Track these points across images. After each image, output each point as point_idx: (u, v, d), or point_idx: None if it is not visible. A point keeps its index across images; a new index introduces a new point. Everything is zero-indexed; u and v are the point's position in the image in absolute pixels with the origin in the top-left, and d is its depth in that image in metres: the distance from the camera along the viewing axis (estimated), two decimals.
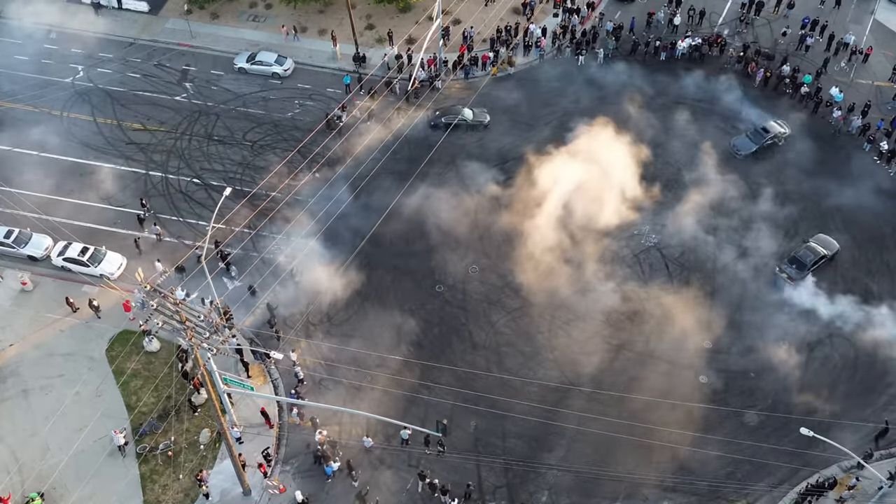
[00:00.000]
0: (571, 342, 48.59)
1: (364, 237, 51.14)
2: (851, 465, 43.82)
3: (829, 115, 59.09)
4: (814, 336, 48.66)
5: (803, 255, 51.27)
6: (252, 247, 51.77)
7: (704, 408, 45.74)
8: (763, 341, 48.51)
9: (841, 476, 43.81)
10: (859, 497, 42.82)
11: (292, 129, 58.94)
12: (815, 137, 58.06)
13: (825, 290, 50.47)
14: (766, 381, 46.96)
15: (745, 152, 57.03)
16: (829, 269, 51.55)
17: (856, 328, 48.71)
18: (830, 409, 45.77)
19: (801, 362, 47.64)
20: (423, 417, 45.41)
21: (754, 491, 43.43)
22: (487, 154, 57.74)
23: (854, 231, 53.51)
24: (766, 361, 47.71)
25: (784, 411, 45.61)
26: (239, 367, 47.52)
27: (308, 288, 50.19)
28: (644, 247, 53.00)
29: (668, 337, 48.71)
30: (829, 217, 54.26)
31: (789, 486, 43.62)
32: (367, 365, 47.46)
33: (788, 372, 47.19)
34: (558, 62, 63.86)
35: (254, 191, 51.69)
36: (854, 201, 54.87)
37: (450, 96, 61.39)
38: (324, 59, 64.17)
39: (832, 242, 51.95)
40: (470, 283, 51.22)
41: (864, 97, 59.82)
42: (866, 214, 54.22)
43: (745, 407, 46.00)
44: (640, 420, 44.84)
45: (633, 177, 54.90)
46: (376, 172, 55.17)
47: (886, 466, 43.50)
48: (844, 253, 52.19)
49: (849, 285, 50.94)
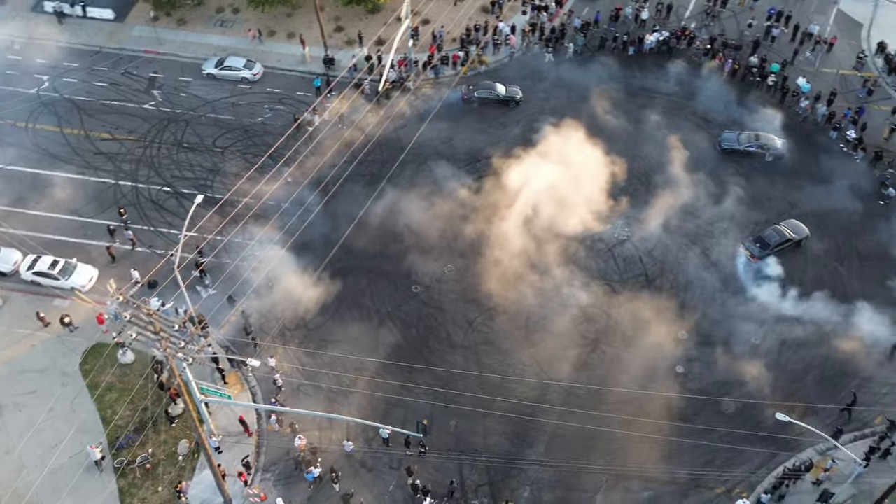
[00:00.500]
0: (548, 337, 48.84)
1: (338, 241, 51.06)
2: (827, 447, 44.41)
3: (797, 105, 59.80)
4: (785, 323, 49.20)
5: (769, 236, 52.00)
6: (225, 254, 51.51)
7: (681, 397, 46.13)
8: (737, 329, 49.01)
9: (817, 459, 44.41)
10: (835, 478, 43.40)
11: (263, 133, 58.75)
12: (784, 127, 58.62)
13: (794, 275, 51.13)
14: (742, 368, 47.40)
15: (726, 146, 57.40)
16: (799, 255, 52.22)
17: (825, 315, 49.35)
18: (805, 394, 46.36)
19: (774, 348, 48.18)
20: (403, 419, 45.45)
21: (733, 477, 43.91)
22: (459, 154, 57.83)
23: (823, 217, 54.19)
24: (741, 348, 48.21)
25: (759, 397, 46.11)
26: (215, 376, 47.27)
27: (283, 294, 50.02)
28: (618, 241, 53.36)
29: (643, 329, 49.07)
30: (798, 204, 54.93)
31: (767, 471, 44.15)
32: (346, 369, 47.39)
33: (763, 358, 47.71)
34: (528, 60, 64.09)
35: (225, 197, 51.40)
36: (823, 189, 55.57)
37: (422, 97, 61.35)
38: (293, 62, 64.00)
39: (802, 228, 52.60)
40: (446, 283, 51.32)
41: (829, 86, 60.61)
42: (835, 201, 54.91)
43: (722, 395, 46.44)
44: (618, 412, 45.15)
45: (604, 173, 55.16)
46: (348, 175, 55.13)
47: (861, 448, 44.14)
48: (814, 239, 52.83)
49: (818, 271, 51.60)
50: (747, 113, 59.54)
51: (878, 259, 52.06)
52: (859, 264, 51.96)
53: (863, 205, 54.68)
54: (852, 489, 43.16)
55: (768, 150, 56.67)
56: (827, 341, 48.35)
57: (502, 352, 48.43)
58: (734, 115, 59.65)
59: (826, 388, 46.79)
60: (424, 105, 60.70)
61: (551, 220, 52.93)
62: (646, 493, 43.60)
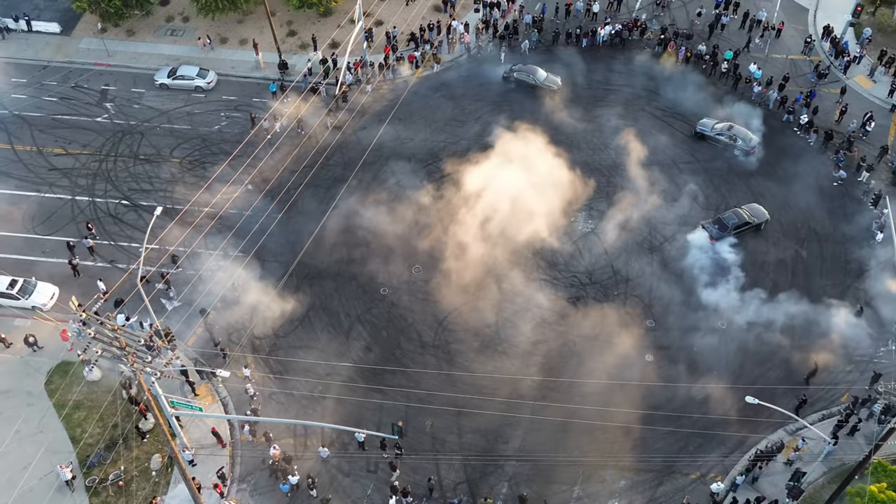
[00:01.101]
0: (518, 333, 49.07)
1: (302, 247, 50.75)
2: (797, 427, 45.26)
3: (749, 91, 60.85)
4: (750, 306, 50.06)
5: (727, 218, 52.85)
6: (189, 265, 50.89)
7: (653, 385, 46.66)
8: (703, 315, 49.71)
9: (787, 439, 45.22)
10: (806, 458, 44.24)
11: (220, 142, 58.20)
12: (739, 112, 59.52)
13: (756, 258, 52.04)
14: (709, 355, 48.12)
15: (698, 130, 58.18)
16: (759, 239, 53.17)
17: (788, 297, 50.34)
18: (774, 376, 47.19)
19: (741, 330, 49.00)
20: (378, 422, 45.36)
21: (707, 462, 44.55)
22: (420, 154, 57.89)
23: (781, 201, 55.23)
24: (708, 335, 48.93)
25: (729, 381, 46.84)
26: (186, 389, 46.72)
27: (250, 302, 49.58)
28: (582, 233, 53.82)
29: (611, 320, 49.55)
30: (757, 188, 55.92)
31: (740, 454, 44.86)
32: (318, 375, 47.21)
33: (730, 343, 48.48)
34: (483, 57, 64.33)
35: (185, 208, 50.83)
36: (780, 172, 56.68)
37: (379, 99, 61.27)
38: (247, 68, 63.48)
39: (762, 212, 53.52)
40: (414, 284, 51.30)
41: (780, 71, 61.79)
42: (792, 184, 56.03)
43: (691, 381, 47.08)
44: (591, 403, 45.45)
45: (564, 166, 55.65)
46: (310, 180, 54.85)
47: (830, 427, 45.09)
48: (773, 222, 53.80)
49: (779, 253, 52.59)
50: (703, 101, 60.46)
51: (836, 241, 53.19)
52: (818, 245, 53.05)
53: (818, 187, 55.85)
54: (823, 467, 44.02)
55: (737, 142, 57.20)
56: (792, 323, 49.23)
57: (473, 349, 48.53)
58: (689, 104, 60.51)
59: (794, 368, 47.65)
60: (383, 106, 60.62)
61: (514, 217, 53.07)
62: (622, 482, 44.04)
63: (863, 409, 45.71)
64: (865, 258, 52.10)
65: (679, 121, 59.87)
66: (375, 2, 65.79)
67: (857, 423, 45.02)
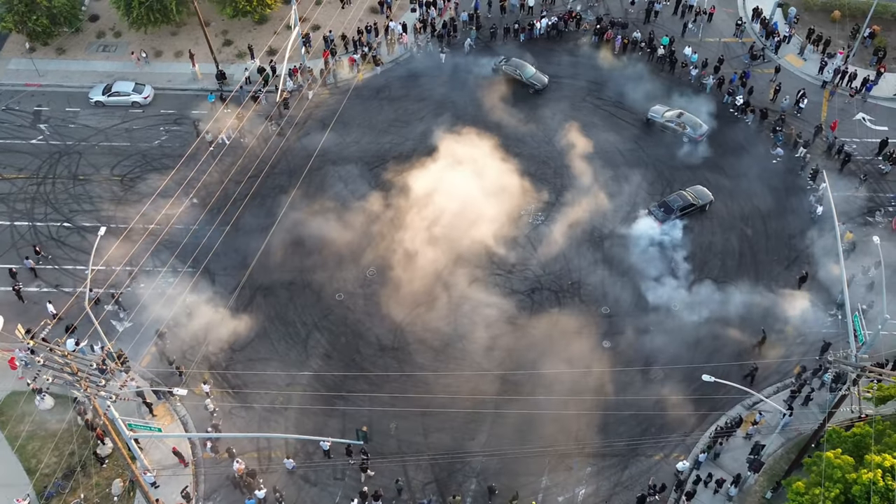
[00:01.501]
0: (476, 329, 49.24)
1: (253, 258, 50.28)
2: (753, 402, 46.30)
3: (687, 74, 62.04)
4: (700, 285, 51.05)
5: (672, 201, 53.84)
6: (137, 284, 50.02)
7: (612, 371, 47.30)
8: (655, 298, 50.53)
9: (745, 414, 46.22)
10: (764, 431, 45.28)
11: (161, 157, 57.36)
12: (680, 96, 60.77)
13: (703, 239, 53.11)
14: (664, 337, 48.92)
15: (649, 117, 59.06)
16: (705, 219, 54.27)
17: (737, 274, 51.47)
18: (728, 352, 48.18)
19: (693, 311, 49.85)
20: (342, 428, 45.20)
21: (669, 442, 45.28)
22: (367, 157, 57.77)
23: (724, 181, 56.41)
24: (661, 318, 49.74)
25: (685, 362, 47.69)
26: (143, 410, 45.92)
27: (203, 317, 48.92)
28: (533, 226, 54.26)
29: (568, 309, 50.09)
30: (700, 169, 57.11)
31: (700, 432, 45.73)
32: (278, 385, 46.84)
33: (683, 324, 49.36)
34: (424, 57, 64.41)
35: (130, 226, 49.94)
36: (721, 153, 57.93)
37: (321, 104, 60.94)
38: (184, 80, 62.65)
39: (706, 193, 54.61)
40: (370, 287, 51.19)
41: (714, 55, 63.09)
42: (734, 164, 57.29)
43: (648, 364, 47.84)
44: (553, 393, 45.84)
45: (510, 162, 56.15)
46: (256, 190, 54.41)
47: (782, 398, 46.22)
48: (718, 203, 54.93)
49: (725, 233, 53.72)
50: (642, 88, 61.54)
51: (778, 216, 54.54)
52: (762, 223, 54.32)
53: (759, 165, 57.19)
54: (781, 438, 45.11)
55: (686, 129, 57.92)
56: (742, 298, 50.31)
57: (433, 349, 48.59)
58: (630, 92, 61.47)
59: (746, 344, 48.68)
60: (325, 111, 60.32)
61: (464, 214, 53.24)
62: (589, 468, 44.53)
63: (815, 379, 46.92)
64: (807, 231, 53.51)
65: (622, 108, 60.76)
66: (311, 6, 65.35)
67: (810, 393, 46.24)
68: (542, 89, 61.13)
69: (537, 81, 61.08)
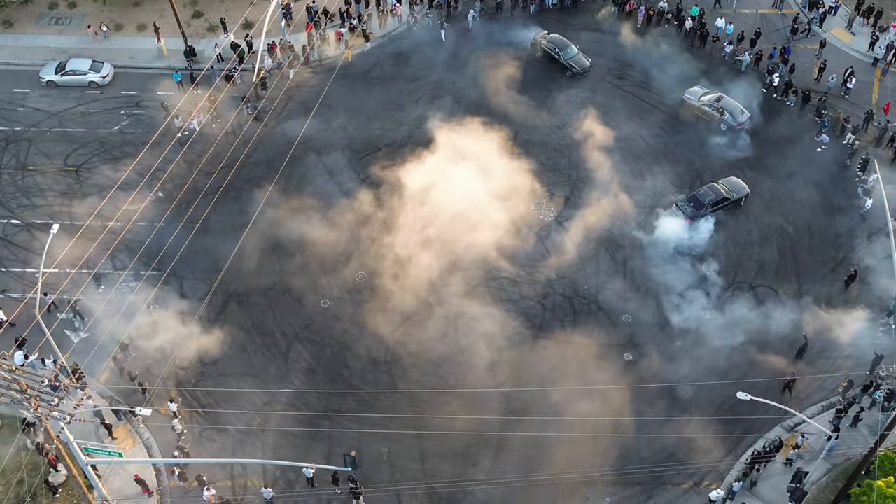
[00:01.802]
0: (480, 339, 48.91)
1: (227, 259, 50.09)
2: (795, 423, 45.86)
3: (720, 50, 61.90)
4: (736, 290, 50.68)
5: (703, 195, 53.40)
6: (95, 289, 49.78)
7: (634, 388, 46.93)
8: (685, 303, 50.16)
9: (786, 437, 45.83)
10: (807, 456, 44.84)
11: (122, 144, 57.35)
12: (711, 75, 60.58)
13: (738, 237, 52.70)
14: (694, 349, 48.58)
15: (685, 98, 58.85)
16: (741, 215, 53.89)
17: (777, 278, 51.01)
18: (767, 367, 47.81)
19: (727, 319, 49.49)
20: (327, 453, 44.97)
21: (700, 469, 44.93)
22: (356, 144, 57.72)
23: (762, 171, 56.04)
24: (691, 325, 49.38)
25: (716, 377, 47.31)
26: (101, 433, 45.71)
27: (170, 326, 48.80)
28: (544, 223, 53.92)
29: (584, 317, 49.76)
30: (736, 158, 56.84)
31: (735, 457, 45.35)
32: (255, 404, 46.67)
33: (716, 335, 48.93)
34: (421, 31, 64.28)
35: (87, 223, 49.74)
36: (759, 139, 57.65)
37: (303, 84, 60.59)
38: (148, 58, 62.75)
39: (741, 185, 54.17)
40: (359, 293, 50.98)
41: (751, 27, 62.77)
42: (773, 152, 56.98)
43: (677, 380, 47.46)
44: (567, 413, 45.60)
45: (520, 150, 55.99)
46: (230, 182, 54.24)
47: (827, 418, 45.81)
48: (755, 196, 54.49)
49: (763, 230, 53.35)
50: (669, 66, 61.35)
51: (823, 211, 54.17)
52: (805, 219, 53.91)
53: (801, 154, 56.88)
54: (826, 464, 44.68)
55: (724, 116, 57.46)
56: (781, 305, 49.95)
57: (431, 362, 48.34)
58: (655, 71, 61.29)
59: (788, 355, 48.32)
60: (308, 93, 60.28)
61: (467, 211, 53.10)
62: (608, 498, 44.16)
63: (864, 397, 46.48)
64: (856, 228, 53.12)
65: (645, 90, 60.57)
66: None
67: (858, 413, 45.83)
68: (581, 74, 60.83)
69: (577, 64, 60.81)
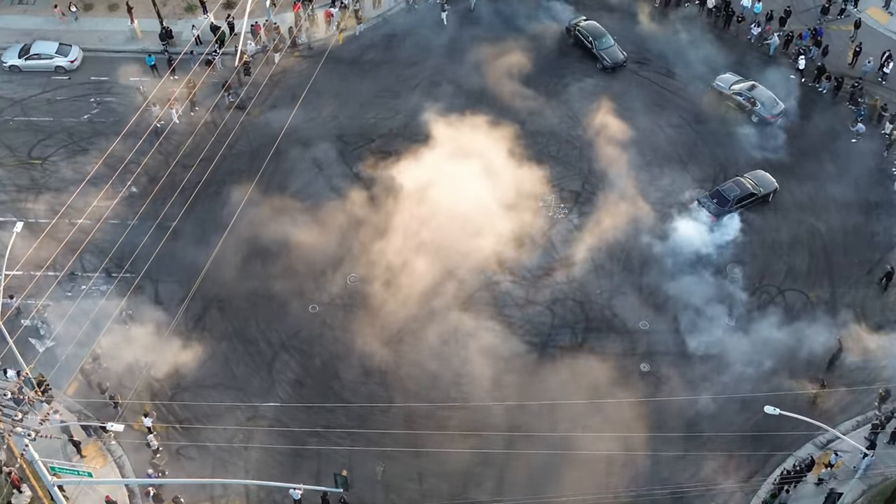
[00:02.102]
0: (485, 348, 49.30)
1: (206, 260, 50.15)
2: (828, 439, 46.34)
3: (746, 32, 62.51)
4: (762, 295, 51.30)
5: (727, 190, 53.85)
6: (62, 293, 50.23)
7: (652, 401, 47.36)
8: (707, 309, 50.66)
9: (818, 454, 46.11)
10: (841, 475, 45.21)
11: (92, 135, 57.73)
12: (729, 53, 61.35)
13: (765, 236, 53.47)
14: (718, 358, 49.01)
15: (715, 84, 59.66)
16: (768, 212, 54.60)
17: (806, 280, 51.69)
18: (797, 380, 48.38)
19: (753, 326, 49.98)
20: (316, 472, 45.28)
21: (724, 490, 45.24)
22: (347, 135, 58.15)
23: (792, 165, 56.74)
24: (714, 332, 49.82)
25: (744, 390, 47.77)
26: (69, 450, 46.03)
27: (145, 334, 49.18)
28: (553, 221, 54.52)
29: (597, 323, 50.26)
30: (758, 150, 57.58)
31: (762, 477, 45.67)
32: (237, 419, 46.95)
33: (741, 341, 49.48)
34: (419, 12, 64.91)
35: (53, 221, 50.19)
36: (789, 130, 58.33)
37: (290, 70, 61.11)
38: (120, 40, 63.14)
39: (769, 180, 54.71)
40: (352, 297, 51.33)
41: (780, 5, 63.23)
42: (804, 144, 57.59)
43: (698, 392, 47.85)
44: (579, 429, 45.91)
45: (528, 143, 56.70)
46: (210, 176, 54.50)
47: (863, 434, 46.20)
48: (784, 192, 55.21)
49: (792, 228, 54.03)
50: (690, 49, 62.18)
51: (858, 209, 54.79)
52: (838, 216, 54.56)
53: (835, 145, 57.47)
54: (862, 485, 45.14)
55: (756, 106, 57.99)
56: (812, 311, 50.61)
57: (430, 373, 48.66)
58: (674, 54, 62.17)
59: (819, 366, 48.89)
60: (296, 79, 60.61)
61: (471, 203, 53.62)
62: None
63: None
64: (894, 226, 53.79)
65: (664, 76, 61.37)
66: None
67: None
68: (611, 68, 61.12)
69: (609, 57, 61.03)
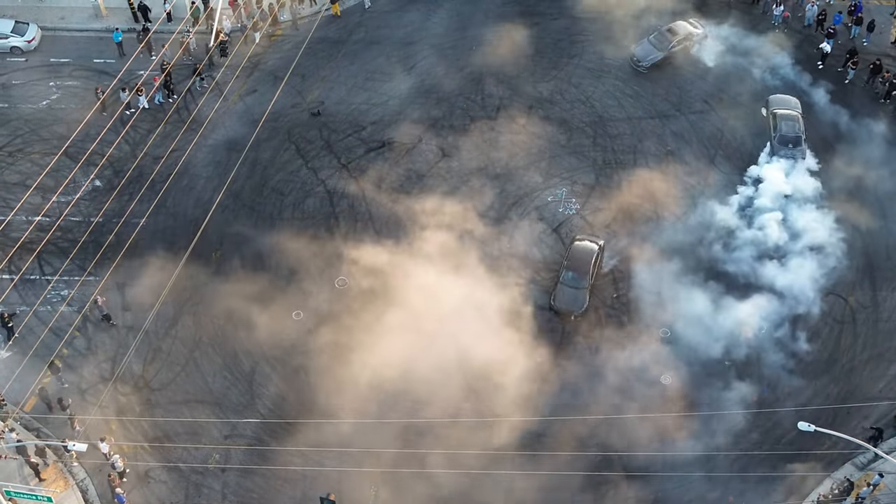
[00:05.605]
0: (490, 356, 48.85)
1: (179, 261, 50.17)
2: (869, 459, 45.84)
3: (769, 9, 62.61)
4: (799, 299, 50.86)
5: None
6: (19, 298, 49.93)
7: (673, 416, 47.04)
8: (734, 315, 50.12)
9: (858, 476, 45.82)
10: (884, 499, 44.92)
11: (53, 122, 57.99)
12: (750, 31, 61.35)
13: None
14: (747, 371, 48.69)
15: (646, 63, 59.86)
16: None
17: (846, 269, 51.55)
18: (836, 392, 47.95)
19: (789, 337, 49.64)
20: (300, 496, 45.15)
21: None
22: (336, 122, 58.52)
23: (826, 157, 56.40)
24: (743, 343, 49.43)
25: (775, 405, 47.39)
26: (26, 472, 45.75)
27: (110, 343, 49.14)
28: (564, 216, 54.20)
29: (612, 330, 49.93)
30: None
31: (797, 500, 45.37)
32: (213, 438, 46.81)
33: (775, 348, 49.18)
34: None
35: (7, 218, 50.12)
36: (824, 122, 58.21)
37: (272, 48, 61.32)
38: (83, 18, 63.62)
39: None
40: (340, 302, 51.21)
41: None
42: (833, 136, 57.49)
43: (724, 408, 47.47)
44: (595, 447, 45.86)
45: (532, 124, 56.50)
46: (184, 167, 54.62)
47: None
48: None
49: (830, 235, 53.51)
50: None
51: None
52: (881, 215, 54.15)
53: (871, 137, 57.11)
54: None
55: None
56: (855, 312, 50.15)
57: (429, 384, 48.06)
58: None
59: (863, 377, 48.48)
60: (278, 59, 61.08)
61: (475, 204, 53.71)
62: None
63: None
64: None
65: None
66: None
67: None
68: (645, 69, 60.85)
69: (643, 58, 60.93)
